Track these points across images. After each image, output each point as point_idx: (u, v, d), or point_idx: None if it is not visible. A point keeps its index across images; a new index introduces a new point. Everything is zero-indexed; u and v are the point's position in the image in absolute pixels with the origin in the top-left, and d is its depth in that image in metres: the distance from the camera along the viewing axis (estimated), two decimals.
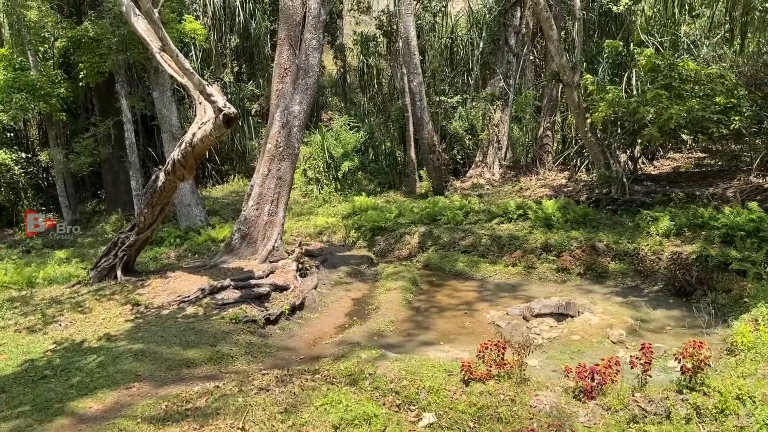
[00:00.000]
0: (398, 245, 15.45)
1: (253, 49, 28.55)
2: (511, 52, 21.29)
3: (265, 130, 12.09)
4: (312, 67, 11.82)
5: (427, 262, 14.08)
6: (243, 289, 10.71)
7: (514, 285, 12.20)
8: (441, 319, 10.59)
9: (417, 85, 19.32)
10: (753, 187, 14.33)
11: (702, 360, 5.79)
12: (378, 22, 29.26)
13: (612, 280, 11.87)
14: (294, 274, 11.69)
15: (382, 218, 16.45)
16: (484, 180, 20.71)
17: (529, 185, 19.10)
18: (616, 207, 15.12)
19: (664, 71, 15.10)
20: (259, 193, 11.92)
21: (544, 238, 13.69)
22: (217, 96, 8.80)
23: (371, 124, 27.92)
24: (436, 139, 20.21)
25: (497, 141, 21.31)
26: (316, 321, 10.68)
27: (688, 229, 12.68)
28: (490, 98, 21.22)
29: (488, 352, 6.96)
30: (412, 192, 21.42)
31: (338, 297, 11.98)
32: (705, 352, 5.77)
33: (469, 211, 16.45)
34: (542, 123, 20.96)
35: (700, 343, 5.94)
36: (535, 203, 15.65)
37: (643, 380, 6.35)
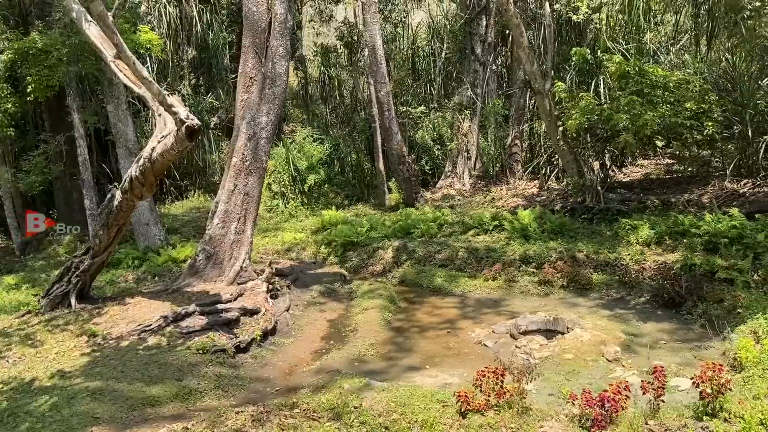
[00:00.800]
0: (372, 260, 14.83)
1: (211, 61, 27.67)
2: (478, 60, 21.01)
3: (230, 143, 11.38)
4: (279, 75, 11.18)
5: (403, 278, 13.50)
6: (210, 315, 9.94)
7: (496, 300, 11.71)
8: (423, 339, 10.01)
9: (385, 95, 18.82)
10: (728, 193, 14.22)
11: (722, 384, 5.33)
12: (339, 32, 28.84)
13: (596, 292, 11.48)
14: (264, 296, 10.97)
15: (353, 233, 15.81)
16: (455, 191, 20.29)
17: (500, 195, 18.75)
18: (591, 216, 14.82)
19: (634, 78, 14.93)
20: (225, 210, 11.18)
21: (522, 249, 13.27)
22: (179, 106, 8.09)
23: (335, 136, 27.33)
24: (405, 149, 19.70)
25: (466, 151, 20.94)
26: (290, 347, 9.97)
27: (668, 237, 12.42)
28: (458, 107, 20.87)
29: (486, 380, 6.40)
30: (381, 204, 20.85)
31: (313, 319, 11.28)
32: (725, 375, 5.31)
33: (443, 223, 15.95)
34: (511, 132, 20.68)
35: (720, 365, 5.49)
36: (511, 214, 15.26)
37: (656, 406, 5.87)
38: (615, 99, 14.84)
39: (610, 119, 14.28)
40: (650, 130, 13.57)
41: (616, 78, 15.65)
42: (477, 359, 8.97)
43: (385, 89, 18.83)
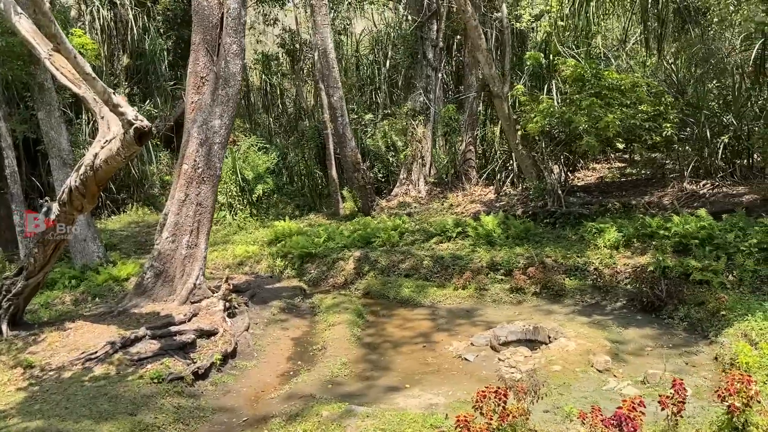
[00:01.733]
0: (332, 272, 14.08)
1: (148, 67, 26.31)
2: (430, 65, 20.62)
3: (181, 149, 10.46)
4: (233, 75, 10.35)
5: (368, 290, 12.82)
6: (162, 339, 8.99)
7: (468, 310, 11.18)
8: (399, 355, 9.35)
9: (337, 100, 18.14)
10: (688, 194, 14.22)
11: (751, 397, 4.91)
12: (280, 40, 28.07)
13: (570, 298, 11.13)
14: (222, 315, 10.08)
15: (310, 244, 15.03)
16: (411, 198, 19.76)
17: (458, 201, 18.35)
18: (554, 220, 14.57)
19: (591, 80, 14.82)
20: (176, 223, 10.24)
21: (489, 256, 12.83)
22: (126, 107, 7.20)
23: (283, 145, 26.44)
24: (360, 156, 19.07)
25: (421, 157, 20.46)
26: (253, 370, 9.12)
27: (636, 239, 12.23)
28: (411, 113, 20.40)
29: (487, 402, 5.78)
30: (335, 214, 20.10)
31: (275, 338, 10.45)
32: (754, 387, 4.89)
33: (403, 231, 15.38)
34: (464, 138, 20.35)
35: (748, 376, 5.07)
36: (474, 220, 14.83)
37: (673, 422, 5.39)
38: (573, 102, 14.66)
39: (571, 122, 14.08)
40: (613, 131, 13.41)
41: (571, 81, 15.52)
42: (459, 375, 8.39)
43: (338, 94, 18.16)
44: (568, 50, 18.94)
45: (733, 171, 14.32)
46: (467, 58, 20.66)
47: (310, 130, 23.78)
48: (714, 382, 7.29)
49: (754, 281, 9.62)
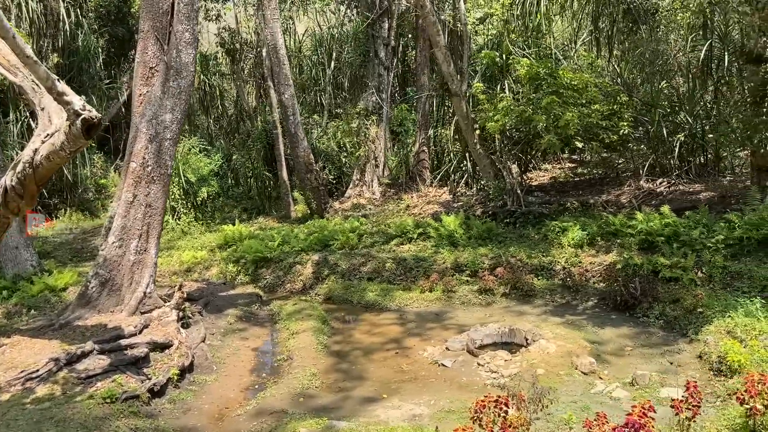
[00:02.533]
0: (289, 277, 13.41)
1: (81, 65, 24.81)
2: (382, 64, 20.20)
3: (128, 146, 9.61)
4: (186, 66, 9.59)
5: (330, 295, 12.24)
6: (112, 353, 8.17)
7: (437, 313, 10.77)
8: (371, 363, 8.82)
9: (289, 98, 17.46)
10: (645, 192, 14.30)
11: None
12: (220, 39, 27.10)
13: (540, 299, 10.88)
14: (176, 325, 9.30)
15: (264, 248, 14.30)
16: (365, 199, 19.26)
17: (414, 203, 17.97)
18: (514, 219, 14.36)
19: (547, 80, 14.73)
20: (123, 226, 9.38)
21: (453, 257, 12.49)
22: (73, 95, 6.42)
23: (226, 146, 25.45)
24: (313, 157, 18.43)
25: (375, 158, 20.00)
26: (214, 385, 8.40)
27: (600, 237, 12.13)
28: (364, 113, 19.91)
29: (487, 412, 5.34)
30: (286, 217, 19.38)
31: (234, 349, 9.72)
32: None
33: (362, 233, 14.86)
34: (417, 138, 20.02)
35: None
36: (434, 220, 14.46)
37: (686, 426, 5.09)
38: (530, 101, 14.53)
39: (531, 120, 13.93)
40: (573, 130, 13.32)
41: (526, 80, 15.41)
42: (438, 382, 7.94)
43: (289, 91, 17.48)
44: (519, 50, 18.92)
45: (689, 169, 14.50)
46: (419, 57, 20.36)
47: (258, 131, 22.93)
48: (703, 381, 7.10)
49: (725, 277, 9.59)
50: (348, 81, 22.94)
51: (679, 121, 14.70)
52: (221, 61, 29.31)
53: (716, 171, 14.57)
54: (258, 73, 27.99)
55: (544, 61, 15.98)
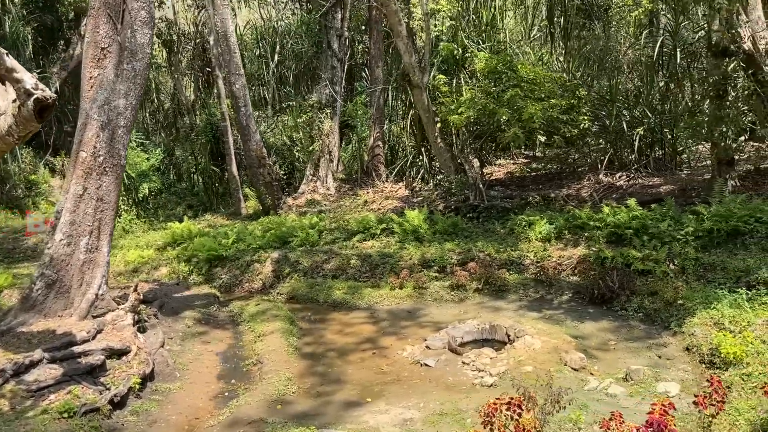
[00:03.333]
0: (247, 276, 12.72)
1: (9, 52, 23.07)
2: (335, 56, 19.63)
3: (76, 134, 8.72)
4: (142, 47, 8.79)
5: (293, 294, 11.64)
6: (64, 362, 7.36)
7: (409, 310, 10.36)
8: (349, 365, 8.32)
9: (240, 88, 16.67)
10: (606, 186, 14.36)
11: None
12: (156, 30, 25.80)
13: (514, 294, 10.64)
14: (132, 330, 8.52)
15: (218, 246, 13.52)
16: (320, 195, 18.66)
17: (372, 198, 17.52)
18: (477, 214, 14.15)
19: (507, 73, 14.61)
20: (72, 222, 8.52)
21: (419, 253, 12.12)
22: (24, 72, 5.67)
23: (167, 141, 24.29)
24: (265, 150, 17.69)
25: (329, 153, 19.42)
26: (179, 393, 7.71)
27: (568, 231, 12.04)
28: (317, 106, 19.29)
29: (499, 416, 4.96)
30: (236, 214, 18.56)
31: (197, 354, 9.02)
32: None
33: (322, 229, 14.30)
34: (372, 132, 19.57)
35: None
36: (397, 216, 14.05)
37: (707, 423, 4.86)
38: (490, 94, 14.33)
39: (494, 114, 13.75)
40: (538, 123, 13.22)
41: (485, 74, 15.24)
42: (423, 383, 7.53)
43: (241, 81, 16.69)
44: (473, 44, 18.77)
45: (647, 163, 14.65)
46: (373, 49, 19.91)
47: (202, 124, 21.92)
48: (695, 375, 6.98)
49: (697, 269, 9.59)
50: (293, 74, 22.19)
51: (636, 116, 14.83)
52: (157, 54, 28.01)
53: (673, 165, 14.78)
54: (197, 65, 26.91)
55: (503, 55, 15.87)
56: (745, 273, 8.90)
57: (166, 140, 24.71)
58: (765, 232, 9.64)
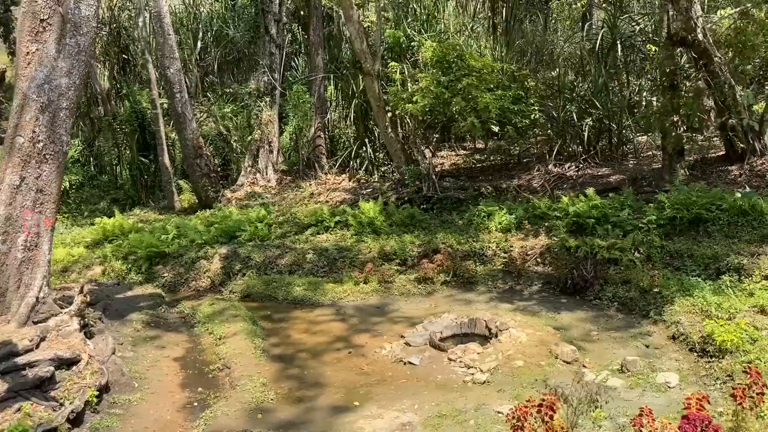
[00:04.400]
0: (193, 274, 11.84)
1: None
2: (273, 42, 18.79)
3: (11, 117, 7.65)
4: (87, 20, 7.80)
5: (248, 292, 10.90)
6: (8, 375, 6.45)
7: (378, 306, 9.90)
8: (325, 366, 7.78)
9: (175, 73, 15.58)
10: (556, 176, 14.43)
11: None
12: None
13: (483, 285, 10.40)
14: (80, 336, 7.61)
15: (158, 242, 12.55)
16: (260, 187, 17.82)
17: (318, 190, 16.88)
18: (431, 205, 13.89)
19: (457, 62, 14.38)
20: (7, 217, 7.48)
21: (378, 246, 11.68)
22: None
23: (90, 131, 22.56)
24: (202, 140, 16.68)
25: (268, 143, 18.57)
26: (141, 405, 6.92)
27: (528, 221, 11.95)
28: (256, 93, 18.40)
29: (531, 420, 4.61)
30: (169, 208, 17.43)
31: (152, 361, 8.20)
32: None
33: (271, 223, 13.58)
34: (313, 123, 18.90)
35: None
36: (351, 208, 13.54)
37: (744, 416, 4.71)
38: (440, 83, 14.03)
39: (448, 103, 13.49)
40: (494, 112, 13.07)
41: (433, 63, 14.96)
42: (411, 383, 7.11)
43: (176, 66, 15.60)
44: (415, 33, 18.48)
45: (594, 153, 14.83)
46: (313, 36, 19.21)
47: (126, 112, 20.45)
48: (689, 364, 6.92)
49: (663, 257, 9.68)
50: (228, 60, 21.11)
51: (584, 107, 14.99)
52: None
53: (619, 155, 15.06)
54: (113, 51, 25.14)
55: (452, 44, 15.66)
56: (713, 260, 9.03)
57: (85, 130, 22.93)
58: (727, 220, 9.84)
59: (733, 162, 12.37)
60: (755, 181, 11.49)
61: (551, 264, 10.40)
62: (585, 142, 14.83)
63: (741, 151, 12.05)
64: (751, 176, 11.70)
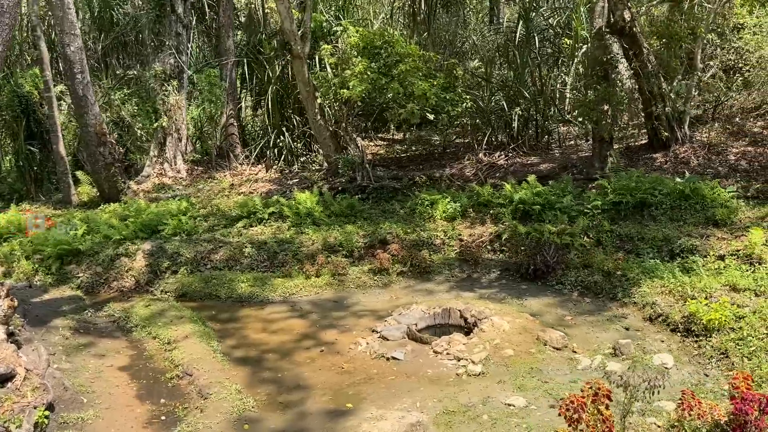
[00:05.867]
0: (113, 273, 10.57)
1: None
2: (180, 22, 17.39)
3: None
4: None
5: (184, 291, 9.87)
6: None
7: (335, 300, 9.30)
8: (300, 367, 7.12)
9: (76, 51, 13.88)
10: (487, 165, 14.47)
11: None
12: None
13: (439, 275, 10.09)
14: (12, 348, 6.43)
15: (71, 239, 11.12)
16: (169, 179, 16.44)
17: (238, 181, 15.82)
18: (367, 195, 13.41)
19: (387, 48, 14.01)
20: None
21: (321, 237, 11.07)
22: None
23: None
24: (105, 126, 15.08)
25: (176, 130, 17.18)
26: (98, 424, 5.95)
27: (472, 209, 11.84)
28: (162, 77, 16.94)
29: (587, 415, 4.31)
30: (66, 202, 15.65)
31: (95, 371, 7.12)
32: None
33: (195, 215, 12.49)
34: (225, 110, 17.75)
35: None
36: (285, 199, 12.76)
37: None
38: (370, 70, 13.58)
39: (384, 89, 13.08)
40: (433, 100, 12.83)
41: (360, 50, 14.49)
42: (401, 380, 6.64)
43: (76, 43, 13.91)
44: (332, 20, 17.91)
45: (522, 143, 15.02)
46: (223, 17, 18.05)
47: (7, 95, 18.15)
48: (675, 344, 6.98)
49: (614, 240, 9.87)
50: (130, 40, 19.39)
51: (512, 96, 15.15)
52: None
53: (545, 144, 15.37)
54: None
55: (379, 30, 15.27)
56: (666, 242, 9.31)
57: None
58: (670, 204, 10.19)
59: (657, 150, 12.95)
60: (681, 167, 12.06)
61: (510, 251, 10.29)
62: (515, 132, 14.97)
63: (666, 140, 12.61)
64: (677, 163, 12.29)
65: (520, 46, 16.11)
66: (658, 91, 12.23)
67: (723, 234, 9.09)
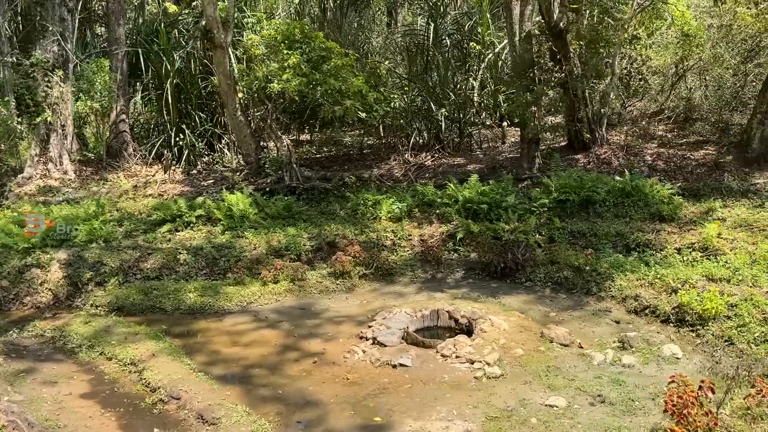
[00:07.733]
0: (23, 287, 8.98)
1: None
2: (65, 5, 15.41)
3: None
4: None
5: (120, 304, 8.58)
6: None
7: (302, 308, 8.56)
8: (297, 382, 6.42)
9: None
10: (415, 166, 14.33)
11: None
12: None
13: (403, 276, 9.70)
14: None
15: None
16: (56, 180, 14.43)
17: (136, 182, 14.25)
18: (296, 196, 12.66)
19: (308, 42, 13.42)
20: None
21: (263, 241, 10.27)
22: None
23: None
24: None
25: (61, 126, 15.15)
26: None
27: (417, 209, 11.59)
28: (43, 66, 14.86)
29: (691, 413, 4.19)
30: None
31: (56, 402, 5.93)
32: None
33: (109, 219, 11.02)
34: (116, 106, 16.03)
35: None
36: (213, 201, 11.67)
37: None
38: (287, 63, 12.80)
39: (318, 85, 12.45)
40: (371, 96, 12.44)
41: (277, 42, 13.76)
42: (420, 388, 6.20)
43: None
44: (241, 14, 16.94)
45: (446, 144, 15.05)
46: (112, 3, 16.35)
47: None
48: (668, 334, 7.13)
49: (566, 237, 10.07)
50: None
51: (438, 97, 15.12)
52: None
53: (465, 146, 15.51)
54: None
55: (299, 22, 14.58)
56: (620, 237, 9.66)
57: None
58: (613, 201, 10.61)
59: (577, 151, 13.53)
60: (604, 168, 12.69)
61: (476, 249, 10.11)
62: (443, 132, 14.95)
63: (587, 141, 13.21)
64: (599, 164, 12.91)
65: (434, 49, 16.17)
66: (582, 95, 12.77)
67: (672, 228, 9.60)
